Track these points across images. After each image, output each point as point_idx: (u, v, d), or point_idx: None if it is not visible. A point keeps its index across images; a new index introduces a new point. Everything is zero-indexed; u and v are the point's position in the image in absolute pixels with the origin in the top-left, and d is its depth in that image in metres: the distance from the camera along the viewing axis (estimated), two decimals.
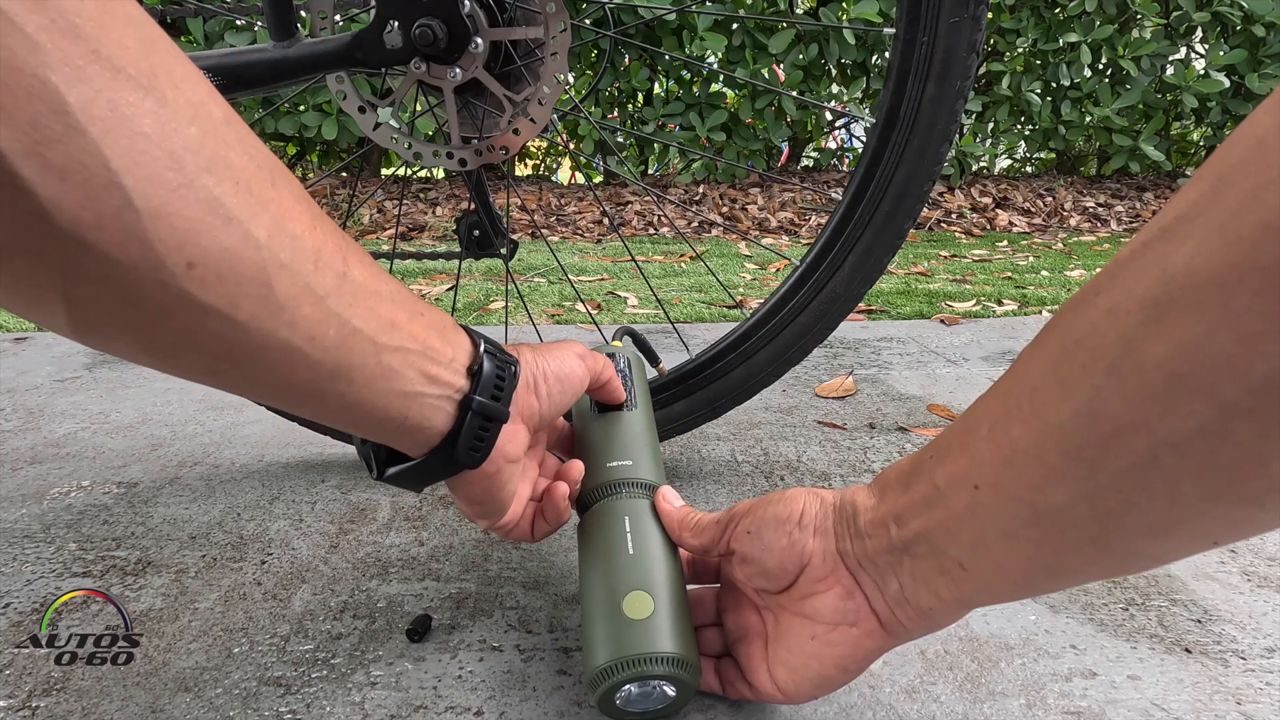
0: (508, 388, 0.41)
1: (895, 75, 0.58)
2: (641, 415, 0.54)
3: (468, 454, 0.39)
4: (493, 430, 0.40)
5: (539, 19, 0.55)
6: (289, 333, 0.30)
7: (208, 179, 0.26)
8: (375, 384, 0.34)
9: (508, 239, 0.71)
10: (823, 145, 3.38)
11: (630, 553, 0.44)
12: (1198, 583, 0.57)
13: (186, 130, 0.26)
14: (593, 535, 0.46)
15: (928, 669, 0.47)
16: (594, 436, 0.52)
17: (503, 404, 0.40)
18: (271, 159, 0.30)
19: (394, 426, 0.37)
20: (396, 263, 2.06)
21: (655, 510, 0.47)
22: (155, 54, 0.26)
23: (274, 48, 0.55)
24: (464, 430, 0.39)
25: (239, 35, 2.58)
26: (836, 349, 1.23)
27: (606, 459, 0.50)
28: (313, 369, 0.32)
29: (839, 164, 3.36)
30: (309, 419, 0.37)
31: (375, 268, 0.35)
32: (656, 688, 0.40)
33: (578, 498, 0.50)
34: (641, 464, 0.49)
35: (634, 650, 0.39)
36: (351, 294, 0.32)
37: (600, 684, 0.40)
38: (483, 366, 0.40)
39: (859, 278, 0.64)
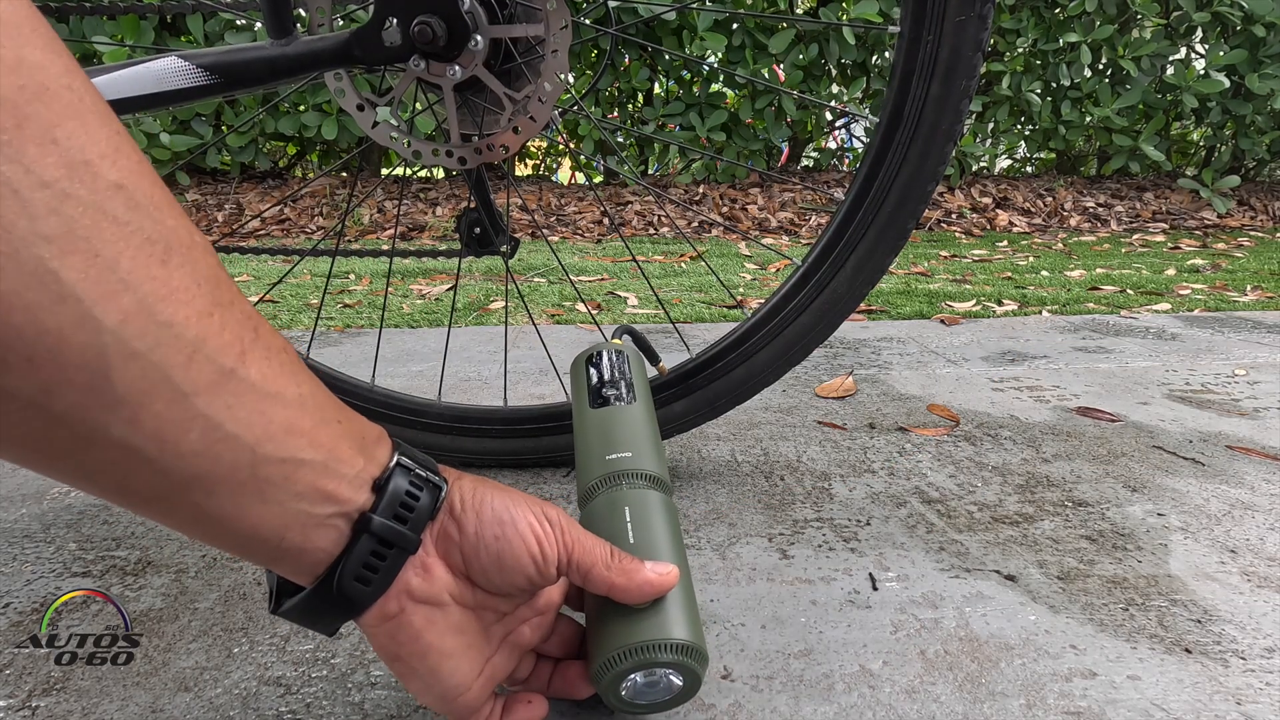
0: (421, 510, 0.34)
1: (899, 74, 0.58)
2: (641, 407, 0.53)
3: (352, 585, 0.33)
4: (391, 560, 0.33)
5: (539, 16, 0.55)
6: (126, 431, 0.26)
7: (44, 249, 0.23)
8: (244, 499, 0.30)
9: (508, 237, 0.71)
10: (823, 145, 3.38)
11: (631, 542, 0.43)
12: (1198, 583, 0.57)
13: (33, 193, 0.23)
14: (594, 528, 0.46)
15: (928, 669, 0.47)
16: (591, 430, 0.52)
17: (410, 528, 0.34)
18: (175, 231, 0.27)
19: (269, 550, 0.31)
20: (395, 261, 2.06)
21: (657, 500, 0.46)
22: (34, 104, 0.24)
23: (272, 46, 0.55)
24: (351, 555, 0.32)
25: (239, 36, 2.58)
26: (836, 349, 1.23)
27: (606, 451, 0.49)
28: (159, 474, 0.28)
29: (839, 164, 3.36)
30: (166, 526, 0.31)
31: (288, 367, 0.31)
32: (663, 677, 0.40)
33: (580, 494, 0.49)
34: (642, 455, 0.49)
35: (641, 638, 0.38)
36: (235, 394, 0.28)
37: (606, 673, 0.39)
38: (390, 480, 0.34)
39: (861, 277, 0.64)
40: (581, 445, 0.52)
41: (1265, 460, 0.79)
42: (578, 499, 0.50)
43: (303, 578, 0.33)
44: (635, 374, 0.56)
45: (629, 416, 0.52)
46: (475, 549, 0.35)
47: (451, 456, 0.75)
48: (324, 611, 0.34)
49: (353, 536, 0.33)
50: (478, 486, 0.37)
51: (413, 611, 0.34)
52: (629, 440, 0.50)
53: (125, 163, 0.26)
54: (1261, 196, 3.23)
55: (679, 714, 0.44)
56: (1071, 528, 0.65)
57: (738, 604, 0.54)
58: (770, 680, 0.46)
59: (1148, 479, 0.74)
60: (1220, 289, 1.79)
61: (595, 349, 0.59)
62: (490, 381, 1.05)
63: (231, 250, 0.76)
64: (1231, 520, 0.66)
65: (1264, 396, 0.99)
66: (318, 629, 0.35)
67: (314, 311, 1.51)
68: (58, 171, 0.24)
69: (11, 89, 0.23)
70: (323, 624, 0.35)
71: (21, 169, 0.23)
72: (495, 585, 0.36)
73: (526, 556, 0.36)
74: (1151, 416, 0.92)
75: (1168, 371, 1.11)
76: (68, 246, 0.24)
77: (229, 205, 2.75)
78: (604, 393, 0.54)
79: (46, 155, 0.24)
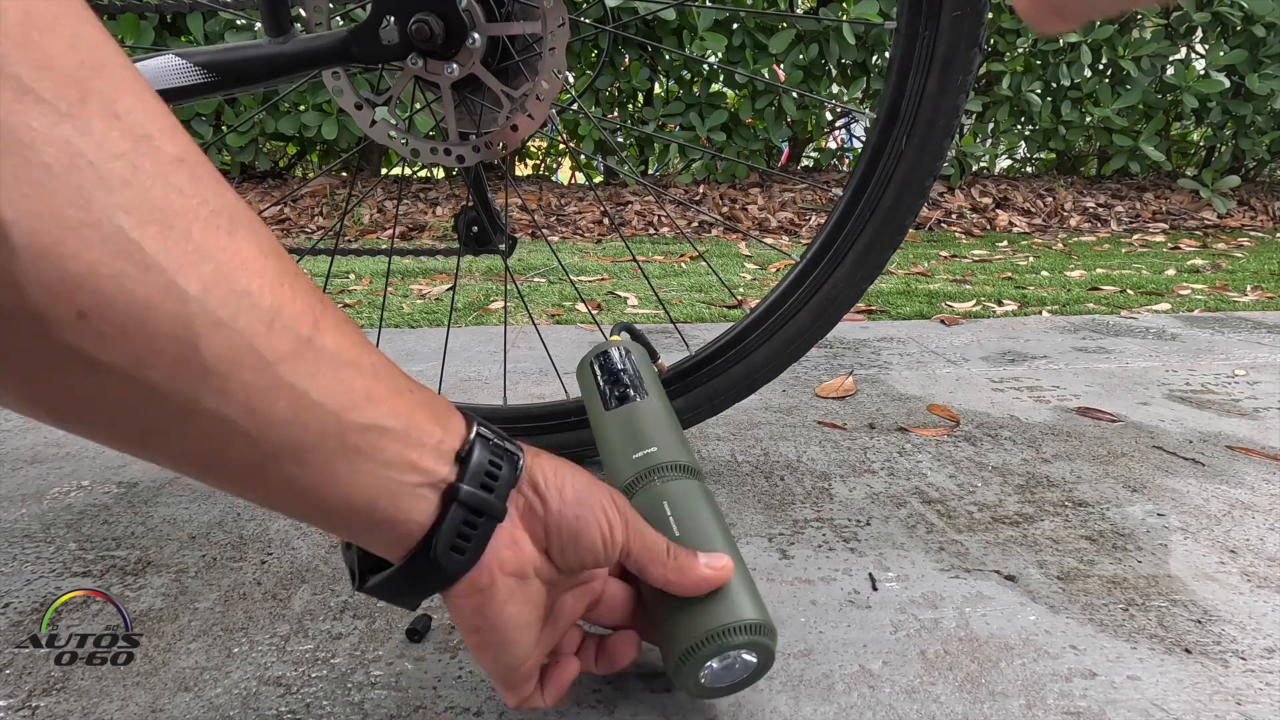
0: (504, 480, 0.34)
1: (896, 70, 0.57)
2: (655, 400, 0.54)
3: (448, 555, 0.33)
4: (482, 528, 0.33)
5: (537, 14, 0.55)
6: (217, 402, 0.26)
7: (124, 219, 0.24)
8: (335, 467, 0.30)
9: (506, 235, 0.71)
10: (823, 145, 3.38)
11: (677, 535, 0.44)
12: (1198, 583, 0.56)
13: (109, 164, 0.23)
14: None
15: (927, 669, 0.47)
16: (612, 432, 0.52)
17: (496, 497, 0.34)
18: (236, 205, 0.27)
19: (361, 521, 0.32)
20: (395, 261, 2.06)
21: (693, 489, 0.47)
22: (95, 79, 0.24)
23: (269, 44, 0.55)
24: (445, 524, 0.32)
25: (239, 36, 2.58)
26: (836, 349, 1.23)
27: (632, 450, 0.50)
28: (251, 445, 0.28)
29: (839, 164, 3.36)
30: (259, 504, 0.31)
31: (356, 337, 0.31)
32: (737, 659, 0.40)
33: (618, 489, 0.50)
34: (667, 447, 0.50)
35: (713, 624, 0.39)
36: (315, 361, 0.28)
37: (685, 665, 0.39)
38: (473, 451, 0.34)
39: (860, 274, 0.63)
40: (606, 449, 0.52)
41: (1265, 460, 0.79)
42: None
43: (393, 551, 0.33)
44: (643, 368, 0.57)
45: (646, 412, 0.53)
46: (558, 524, 0.36)
47: None
48: (415, 584, 0.34)
49: (443, 506, 0.33)
50: (558, 465, 0.38)
51: (501, 583, 0.35)
52: (651, 435, 0.50)
53: (181, 138, 0.26)
54: (1261, 196, 3.23)
55: (679, 714, 0.43)
56: (1071, 528, 0.65)
57: None
58: (770, 680, 0.46)
59: (1148, 479, 0.74)
60: (1220, 289, 1.78)
61: (598, 350, 0.59)
62: (490, 381, 1.05)
63: None
64: (1231, 520, 0.66)
65: (1264, 396, 0.99)
66: (403, 604, 0.35)
67: None
68: (125, 144, 0.24)
69: (73, 64, 0.23)
70: (410, 598, 0.35)
71: (93, 142, 0.23)
72: (567, 561, 0.37)
73: (599, 539, 0.37)
74: (1151, 416, 0.92)
75: (1168, 372, 1.11)
76: (145, 217, 0.24)
77: None
78: (616, 392, 0.54)
79: (112, 129, 0.24)
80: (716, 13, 2.64)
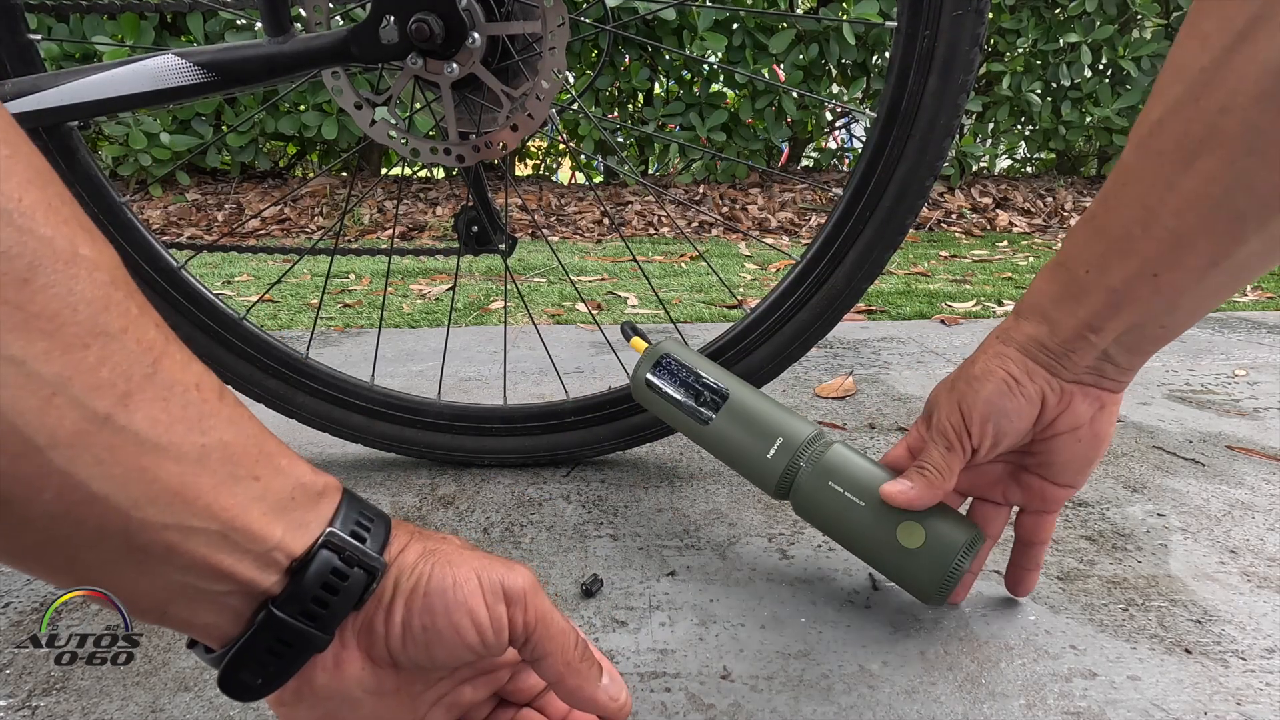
0: (341, 601, 0.29)
1: (897, 69, 0.57)
2: (738, 389, 0.54)
3: (240, 677, 0.28)
4: (289, 659, 0.29)
5: (537, 13, 0.55)
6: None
7: None
8: (118, 567, 0.25)
9: (506, 235, 0.71)
10: (823, 145, 3.38)
11: (861, 505, 0.48)
12: (1198, 583, 0.56)
13: None
14: (823, 517, 0.50)
15: (928, 669, 0.47)
16: (726, 445, 0.53)
17: (319, 625, 0.29)
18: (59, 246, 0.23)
19: (153, 618, 0.27)
20: (395, 261, 2.06)
21: (839, 453, 0.50)
22: None
23: (269, 43, 0.55)
24: (243, 647, 0.28)
25: (239, 36, 2.58)
26: (836, 349, 1.23)
27: (763, 452, 0.51)
28: (12, 531, 0.23)
29: (839, 164, 3.36)
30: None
31: (197, 409, 0.26)
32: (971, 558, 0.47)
33: (773, 495, 0.52)
34: (789, 431, 0.51)
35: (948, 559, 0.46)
36: (108, 447, 0.23)
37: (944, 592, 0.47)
38: (310, 562, 0.28)
39: (860, 273, 0.63)
40: (730, 460, 0.54)
41: (1265, 460, 0.79)
42: (781, 496, 0.52)
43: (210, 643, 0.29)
44: (698, 363, 0.56)
45: (741, 406, 0.53)
46: (401, 641, 0.30)
47: (451, 455, 0.75)
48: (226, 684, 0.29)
49: (250, 622, 0.28)
50: (421, 562, 0.31)
51: (314, 704, 0.30)
52: (765, 426, 0.52)
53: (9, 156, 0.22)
54: None
55: (678, 714, 0.43)
56: (1071, 528, 0.64)
57: (737, 604, 0.54)
58: (770, 680, 0.46)
59: (1148, 479, 0.74)
60: None
61: (646, 368, 0.57)
62: (490, 381, 1.05)
63: (231, 250, 0.76)
64: (1231, 520, 0.66)
65: (1264, 396, 0.99)
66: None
67: (314, 311, 1.51)
68: None
69: None
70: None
71: None
72: (434, 661, 0.31)
73: (461, 643, 0.31)
74: (1151, 416, 0.92)
75: (1168, 371, 1.11)
76: None
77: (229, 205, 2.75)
78: (702, 402, 0.54)
79: None
80: (716, 13, 2.64)
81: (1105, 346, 0.42)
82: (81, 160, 0.65)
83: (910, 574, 0.48)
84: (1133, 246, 0.39)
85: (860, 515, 0.48)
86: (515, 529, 0.64)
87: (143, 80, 0.54)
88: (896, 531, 0.47)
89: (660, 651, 0.49)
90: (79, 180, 0.65)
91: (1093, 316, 0.41)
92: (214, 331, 0.72)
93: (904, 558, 0.47)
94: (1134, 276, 0.39)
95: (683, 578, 0.57)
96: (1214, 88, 0.34)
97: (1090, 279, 0.41)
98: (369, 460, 0.78)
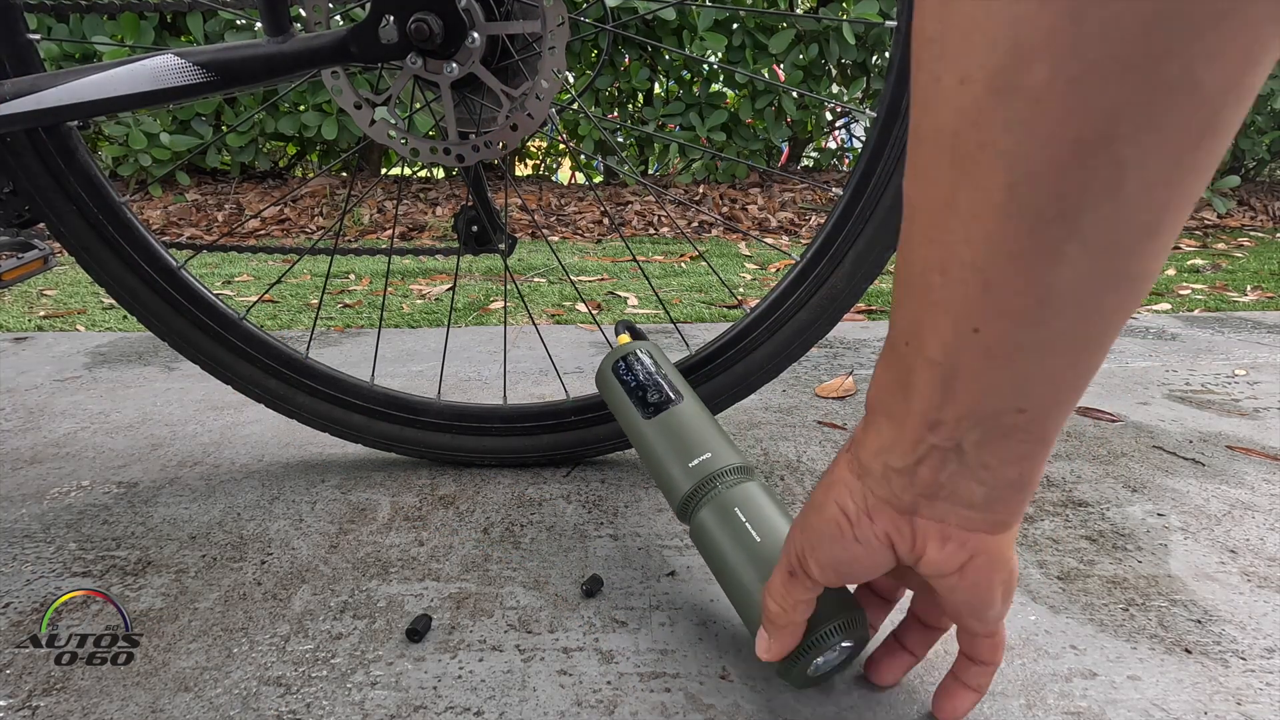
0: None
1: (897, 68, 0.57)
2: (690, 401, 0.54)
3: None
4: None
5: (536, 13, 0.55)
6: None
7: None
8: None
9: (506, 235, 0.71)
10: (823, 145, 3.37)
11: (759, 540, 0.45)
12: (1198, 583, 0.56)
13: None
14: (715, 540, 0.47)
15: (928, 669, 0.47)
16: (657, 440, 0.52)
17: None
18: None
19: None
20: (395, 261, 2.06)
21: (756, 490, 0.48)
22: None
23: (268, 43, 0.55)
24: None
25: (239, 36, 2.57)
26: (836, 349, 1.23)
27: (686, 458, 0.50)
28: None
29: (839, 164, 3.36)
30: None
31: None
32: (837, 648, 0.42)
33: (678, 506, 0.50)
34: (719, 451, 0.50)
35: (815, 624, 0.41)
36: None
37: (794, 665, 0.42)
38: None
39: (860, 273, 0.63)
40: (653, 458, 0.52)
41: (1265, 460, 0.79)
42: (675, 511, 0.50)
43: None
44: (666, 367, 0.57)
45: (687, 415, 0.53)
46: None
47: (451, 455, 0.75)
48: None
49: None
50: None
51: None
52: (701, 439, 0.51)
53: None
54: (1261, 196, 3.23)
55: (678, 714, 0.43)
56: (1071, 528, 0.64)
57: None
58: (770, 680, 0.46)
59: (1148, 479, 0.74)
60: (1220, 289, 1.78)
61: (617, 356, 0.58)
62: (490, 381, 1.05)
63: (231, 250, 0.76)
64: (1231, 520, 0.66)
65: (1264, 396, 0.99)
66: None
67: (314, 311, 1.51)
68: None
69: None
70: None
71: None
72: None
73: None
74: (1151, 416, 0.92)
75: (1168, 371, 1.11)
76: None
77: (229, 205, 2.75)
78: (652, 399, 0.54)
79: None
80: (716, 13, 2.64)
81: (952, 448, 0.32)
82: (81, 160, 0.65)
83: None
84: (936, 299, 0.29)
85: (752, 550, 0.45)
86: (515, 529, 0.64)
87: (142, 80, 0.54)
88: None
89: (660, 651, 0.49)
90: (79, 180, 0.65)
91: (926, 408, 0.31)
92: (214, 331, 0.72)
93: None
94: (951, 339, 0.29)
95: (683, 578, 0.57)
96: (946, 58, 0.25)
97: (910, 353, 0.31)
98: (369, 460, 0.78)
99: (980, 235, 0.27)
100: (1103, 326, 0.28)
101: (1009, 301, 0.27)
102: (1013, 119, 0.24)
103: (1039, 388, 0.29)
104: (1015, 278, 0.27)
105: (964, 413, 0.31)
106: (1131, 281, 0.27)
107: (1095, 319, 0.27)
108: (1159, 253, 0.26)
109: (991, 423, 0.31)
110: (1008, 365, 0.29)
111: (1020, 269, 0.26)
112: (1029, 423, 0.30)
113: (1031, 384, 0.29)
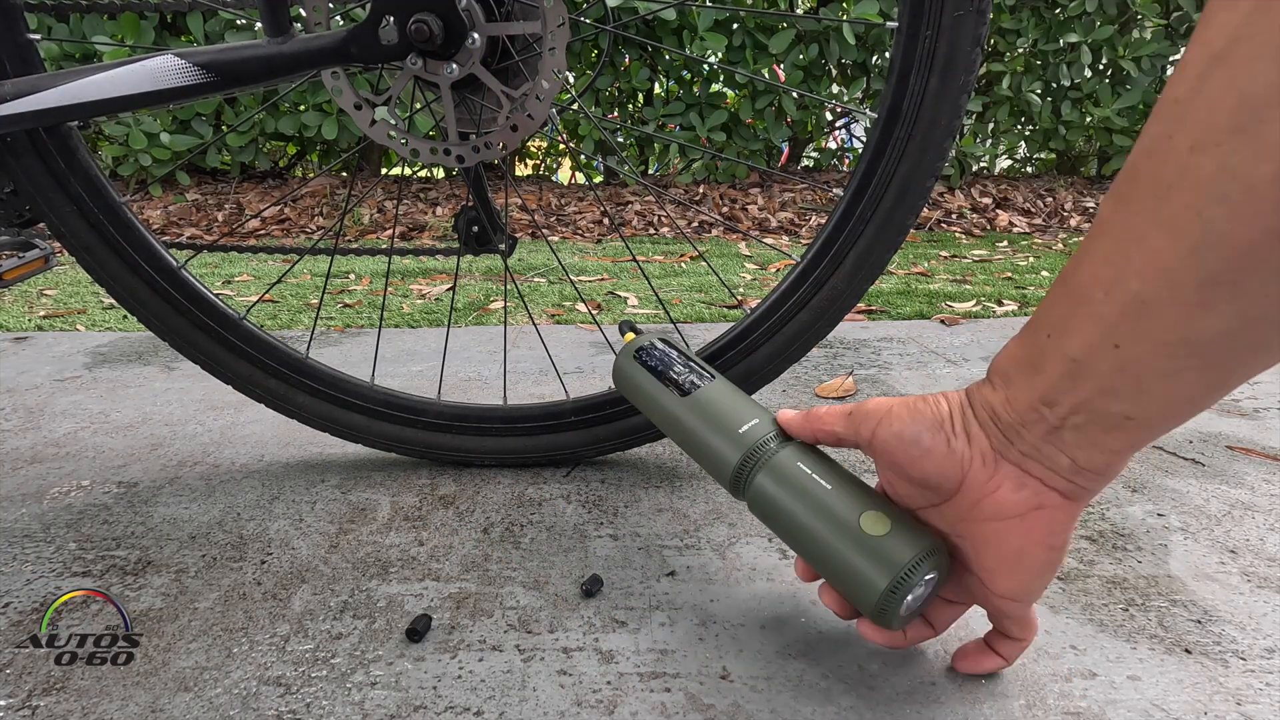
0: None
1: (898, 70, 0.57)
2: (722, 380, 0.54)
3: None
4: None
5: (537, 14, 0.55)
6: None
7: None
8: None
9: (506, 235, 0.71)
10: (823, 145, 3.37)
11: (829, 487, 0.45)
12: (1198, 583, 0.56)
13: None
14: (782, 500, 0.47)
15: (927, 669, 0.47)
16: (699, 415, 0.52)
17: None
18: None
19: None
20: (395, 261, 2.06)
21: (806, 448, 0.48)
22: None
23: (268, 44, 0.55)
24: None
25: (239, 36, 2.58)
26: (836, 349, 1.23)
27: (735, 425, 0.50)
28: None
29: (839, 164, 3.36)
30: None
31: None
32: (924, 580, 0.42)
33: (731, 477, 0.49)
34: (764, 418, 0.50)
35: (908, 555, 0.41)
36: None
37: (889, 605, 0.42)
38: None
39: (861, 274, 0.63)
40: (695, 437, 0.52)
41: (1265, 460, 0.79)
42: (727, 485, 0.50)
43: None
44: (689, 352, 0.57)
45: (724, 390, 0.53)
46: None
47: (451, 455, 0.75)
48: None
49: None
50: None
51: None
52: (744, 410, 0.51)
53: None
54: None
55: (678, 714, 0.43)
56: None
57: (737, 604, 0.54)
58: (769, 681, 0.46)
59: (1148, 479, 0.74)
60: None
61: (635, 347, 0.58)
62: (490, 381, 1.05)
63: (231, 250, 0.76)
64: (1231, 520, 0.66)
65: (1264, 396, 0.99)
66: None
67: (314, 311, 1.51)
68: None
69: None
70: None
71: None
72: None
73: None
74: None
75: None
76: None
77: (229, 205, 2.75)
78: (682, 380, 0.54)
79: None
80: (716, 13, 2.64)
81: (1057, 425, 0.37)
82: (81, 160, 0.65)
83: (860, 572, 0.43)
84: (1094, 310, 0.34)
85: (826, 498, 0.45)
86: (515, 529, 0.64)
87: (142, 80, 0.54)
88: (860, 518, 0.43)
89: (660, 651, 0.49)
90: (79, 180, 0.65)
91: (1048, 388, 0.36)
92: (214, 331, 0.72)
93: (860, 547, 0.43)
94: (1094, 346, 0.34)
95: (683, 578, 0.57)
96: (1186, 122, 0.29)
97: (1050, 344, 0.36)
98: (369, 460, 0.78)
99: (1154, 273, 0.31)
100: (1229, 375, 0.32)
101: (1155, 333, 0.32)
102: (1226, 196, 0.28)
103: (1152, 405, 0.34)
104: (1169, 317, 0.31)
105: (1079, 403, 0.35)
106: (1271, 351, 0.31)
107: (1227, 368, 0.32)
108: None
109: (1100, 417, 0.35)
110: (1134, 381, 0.33)
111: (1177, 312, 0.31)
112: (1133, 427, 0.35)
113: (1147, 401, 0.34)
